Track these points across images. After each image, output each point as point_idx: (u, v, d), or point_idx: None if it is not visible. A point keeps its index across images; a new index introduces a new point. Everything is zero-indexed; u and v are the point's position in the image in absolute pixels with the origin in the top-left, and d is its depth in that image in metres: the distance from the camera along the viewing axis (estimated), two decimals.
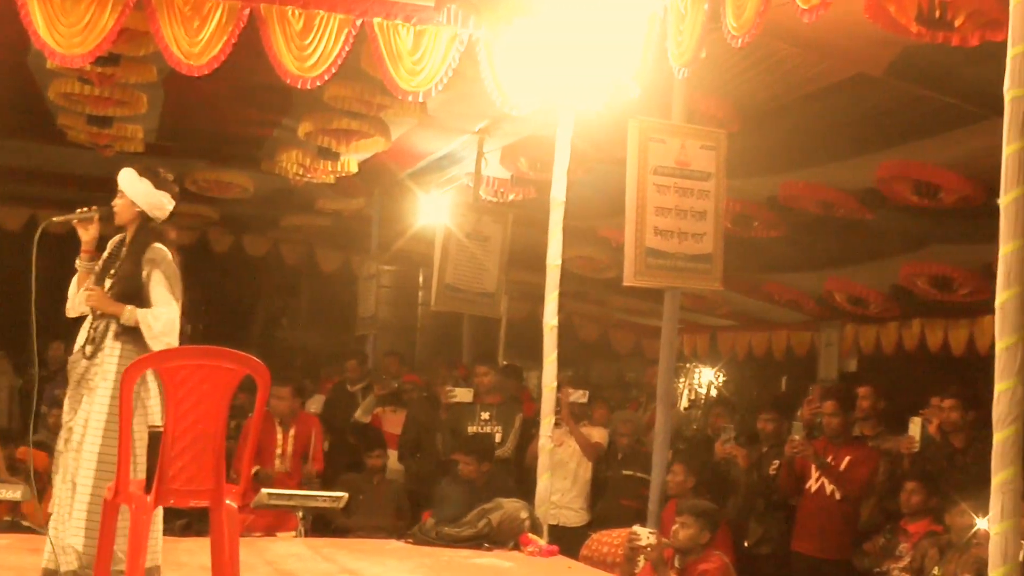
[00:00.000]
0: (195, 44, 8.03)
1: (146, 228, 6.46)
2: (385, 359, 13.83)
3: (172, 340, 6.21)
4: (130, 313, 6.23)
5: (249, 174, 14.84)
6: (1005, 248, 4.70)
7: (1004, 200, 4.71)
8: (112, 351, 6.25)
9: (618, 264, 9.33)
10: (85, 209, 6.54)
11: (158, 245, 6.39)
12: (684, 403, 18.51)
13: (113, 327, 6.25)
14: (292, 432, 10.45)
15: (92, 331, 6.28)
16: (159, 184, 6.48)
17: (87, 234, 6.54)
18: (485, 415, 11.07)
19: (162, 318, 6.22)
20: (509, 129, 11.39)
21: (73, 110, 11.73)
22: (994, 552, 4.70)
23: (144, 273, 6.31)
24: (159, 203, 6.47)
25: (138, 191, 6.45)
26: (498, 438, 10.97)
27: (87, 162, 13.92)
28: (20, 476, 9.98)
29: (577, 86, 8.57)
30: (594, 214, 12.30)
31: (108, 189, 6.57)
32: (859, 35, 7.15)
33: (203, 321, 23.42)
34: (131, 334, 6.23)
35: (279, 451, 10.37)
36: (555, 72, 8.51)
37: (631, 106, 8.69)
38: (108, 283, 6.37)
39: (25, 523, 8.39)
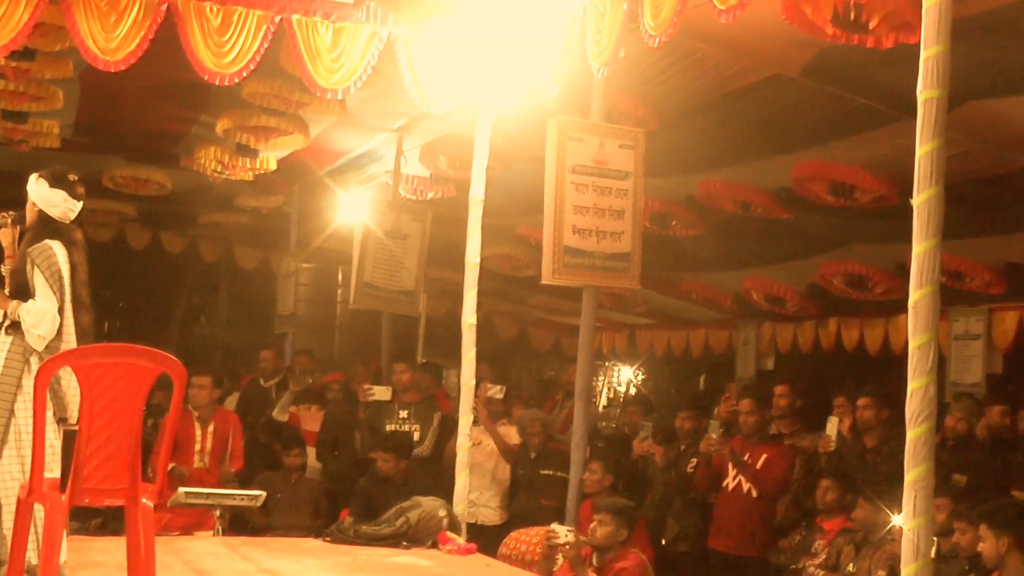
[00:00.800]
0: (111, 39, 7.94)
1: (43, 227, 6.43)
2: (298, 357, 13.75)
3: (43, 333, 6.18)
4: (13, 307, 6.22)
5: (167, 171, 14.70)
6: (918, 248, 4.76)
7: (917, 200, 4.78)
8: (2, 345, 6.23)
9: (537, 262, 9.36)
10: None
11: (46, 242, 6.34)
12: (603, 401, 18.58)
13: (5, 322, 6.25)
14: (211, 428, 10.40)
15: None
16: (55, 183, 6.45)
17: (5, 239, 6.52)
18: (403, 413, 11.06)
19: (32, 311, 6.18)
20: (428, 127, 11.37)
21: None
22: (907, 548, 4.76)
23: (28, 269, 6.29)
24: (54, 202, 6.43)
25: (34, 191, 6.48)
26: (416, 436, 10.96)
27: (2, 158, 13.74)
28: None
29: (496, 85, 8.55)
30: (513, 212, 12.32)
31: (23, 186, 6.53)
32: (776, 36, 7.21)
33: (120, 318, 23.25)
34: (19, 328, 6.21)
35: (198, 447, 10.31)
36: (474, 70, 8.48)
37: (550, 105, 8.71)
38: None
39: None
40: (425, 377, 12.21)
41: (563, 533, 7.98)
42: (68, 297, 6.28)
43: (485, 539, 9.28)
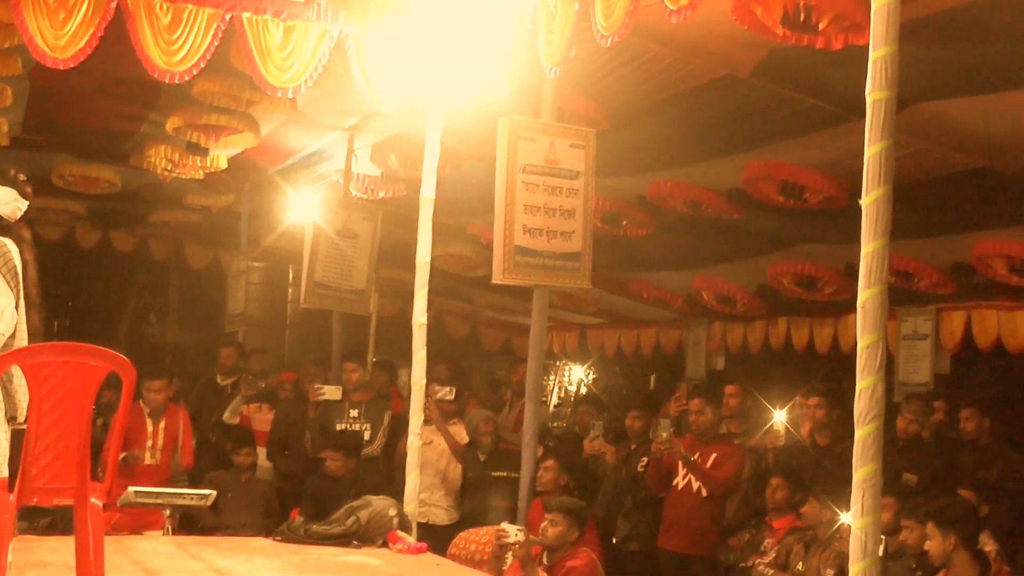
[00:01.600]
0: (60, 37, 7.88)
1: None
2: (254, 355, 13.70)
3: (2, 330, 6.08)
4: None
5: (117, 169, 14.61)
6: (867, 247, 4.79)
7: (866, 200, 4.81)
8: None
9: (488, 262, 9.36)
10: None
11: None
12: (554, 400, 18.61)
13: None
14: (162, 424, 10.45)
15: None
16: (3, 181, 6.40)
17: None
18: (354, 412, 11.06)
19: None
20: (379, 126, 11.36)
21: None
22: (855, 547, 4.79)
23: None
24: (4, 200, 6.38)
25: None
26: (367, 436, 10.96)
27: None
28: None
29: (447, 84, 8.54)
30: (464, 212, 12.31)
31: None
32: (727, 37, 7.24)
33: (69, 317, 23.09)
34: None
35: (149, 443, 10.35)
36: (425, 69, 8.48)
37: (501, 104, 8.70)
38: None
39: None
40: (380, 376, 12.20)
41: (513, 532, 8.00)
42: (21, 295, 6.22)
43: (435, 538, 9.30)
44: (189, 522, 10.05)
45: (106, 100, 11.81)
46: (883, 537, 5.20)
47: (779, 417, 10.09)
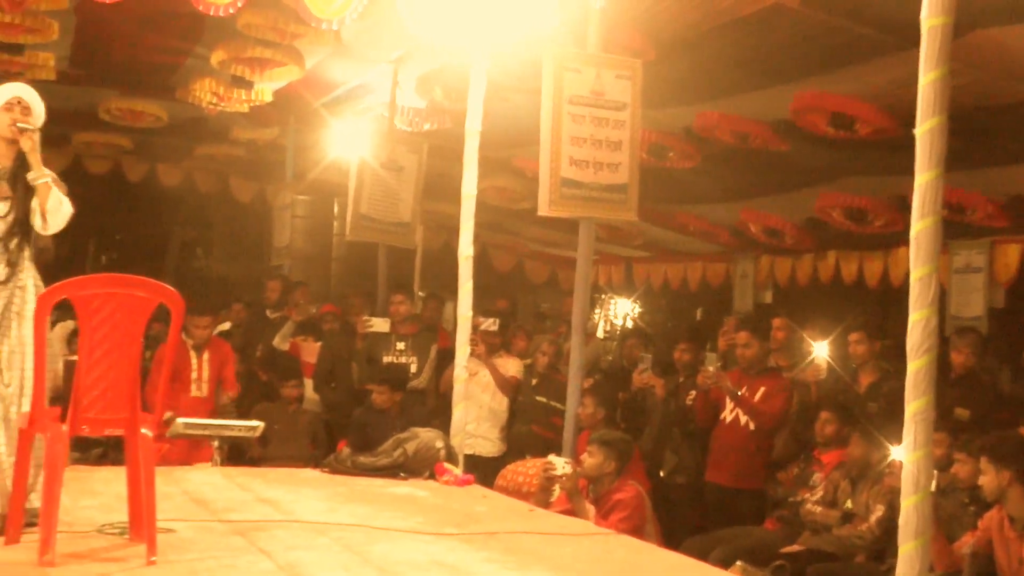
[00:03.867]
0: None
1: None
2: (295, 290, 13.74)
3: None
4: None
5: (162, 103, 14.63)
6: (921, 178, 4.74)
7: (920, 130, 4.75)
8: (29, 272, 6.05)
9: (533, 195, 9.31)
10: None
11: None
12: (600, 334, 18.60)
13: (27, 250, 6.04)
14: (206, 357, 10.51)
15: (6, 253, 6.04)
16: None
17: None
18: (401, 345, 11.09)
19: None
20: (424, 58, 11.29)
21: None
22: (906, 481, 4.77)
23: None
24: None
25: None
26: (413, 368, 10.99)
27: None
28: None
29: (493, 15, 8.49)
30: (509, 144, 12.25)
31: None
32: None
33: (116, 250, 23.26)
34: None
35: (194, 376, 10.42)
36: (471, 1, 8.44)
37: (547, 36, 8.64)
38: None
39: None
40: (430, 306, 12.18)
41: (560, 464, 8.01)
42: None
43: (482, 470, 9.35)
44: (237, 453, 10.13)
45: (151, 34, 11.80)
46: (935, 471, 5.15)
47: (821, 351, 10.02)
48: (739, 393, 9.54)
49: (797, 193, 11.89)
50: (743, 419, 9.57)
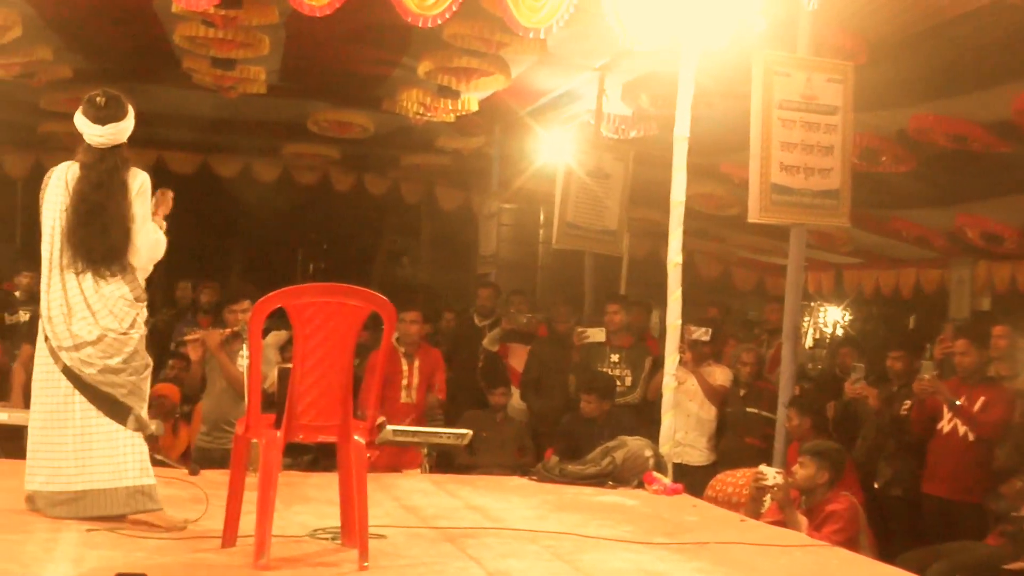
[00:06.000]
0: None
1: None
2: (512, 297, 13.77)
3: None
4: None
5: (369, 114, 14.87)
6: None
7: None
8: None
9: (740, 201, 9.23)
10: None
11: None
12: (809, 342, 18.32)
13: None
14: (416, 363, 10.64)
15: None
16: (85, 110, 6.15)
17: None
18: (615, 357, 11.07)
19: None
20: (630, 65, 11.30)
21: (197, 53, 11.85)
22: None
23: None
24: (79, 128, 6.17)
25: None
26: (628, 382, 10.94)
27: (211, 104, 14.08)
28: (158, 412, 10.17)
29: (701, 20, 8.42)
30: (716, 150, 12.14)
31: (231, 131, 6.57)
32: None
33: (324, 259, 23.72)
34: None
35: (404, 382, 10.54)
36: (679, 6, 8.38)
37: (755, 39, 8.55)
38: None
39: (159, 456, 8.54)
40: (636, 312, 12.15)
41: (771, 475, 7.88)
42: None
43: (691, 479, 9.24)
44: (445, 460, 10.20)
45: (359, 46, 11.98)
46: None
47: None
48: (957, 403, 9.26)
49: (1018, 196, 11.55)
50: (962, 430, 9.29)
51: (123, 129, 6.10)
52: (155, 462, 6.25)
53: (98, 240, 5.98)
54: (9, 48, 11.42)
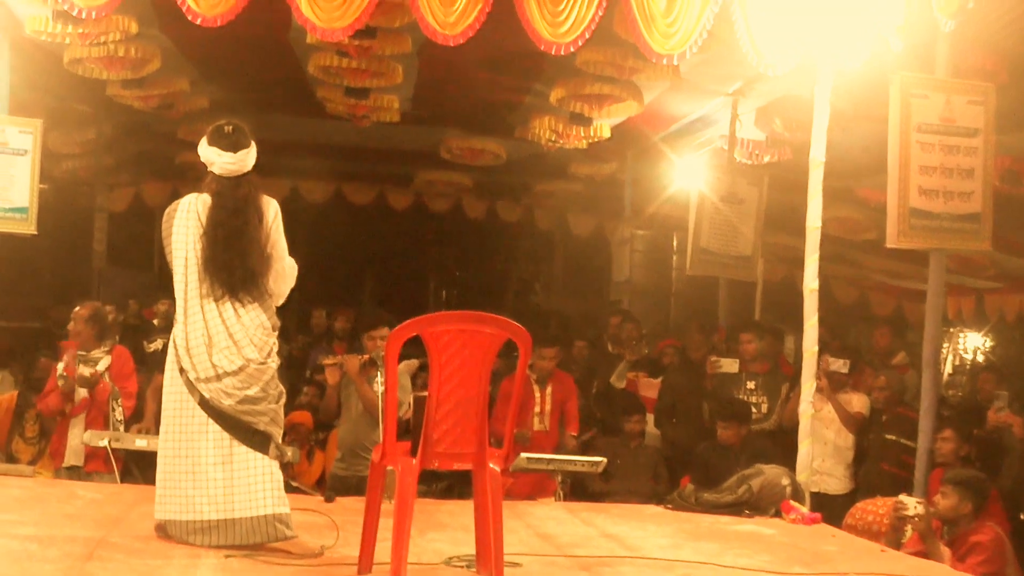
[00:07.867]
0: (450, 14, 8.09)
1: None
2: (626, 324, 13.73)
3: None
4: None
5: (502, 141, 14.94)
6: None
7: None
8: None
9: (876, 225, 9.12)
10: None
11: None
12: (948, 369, 17.99)
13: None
14: (549, 391, 10.65)
15: None
16: (212, 141, 6.27)
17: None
18: (751, 384, 10.97)
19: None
20: (763, 89, 11.23)
21: (331, 83, 12.00)
22: None
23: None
24: (206, 159, 6.27)
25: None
26: (764, 409, 10.83)
27: (345, 133, 14.24)
28: (293, 439, 10.30)
29: (836, 42, 8.34)
30: (851, 174, 12.01)
31: (364, 159, 6.65)
32: None
33: (457, 287, 23.84)
34: None
35: (537, 410, 10.57)
36: (813, 29, 8.30)
37: (891, 61, 8.45)
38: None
39: (295, 484, 8.64)
40: (769, 339, 12.05)
41: (912, 504, 7.73)
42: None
43: (829, 508, 9.12)
44: (579, 488, 10.17)
45: (491, 74, 12.04)
46: None
47: None
48: None
49: None
50: None
51: (251, 156, 6.22)
52: (290, 489, 6.31)
53: (237, 264, 6.07)
54: (148, 80, 11.73)
